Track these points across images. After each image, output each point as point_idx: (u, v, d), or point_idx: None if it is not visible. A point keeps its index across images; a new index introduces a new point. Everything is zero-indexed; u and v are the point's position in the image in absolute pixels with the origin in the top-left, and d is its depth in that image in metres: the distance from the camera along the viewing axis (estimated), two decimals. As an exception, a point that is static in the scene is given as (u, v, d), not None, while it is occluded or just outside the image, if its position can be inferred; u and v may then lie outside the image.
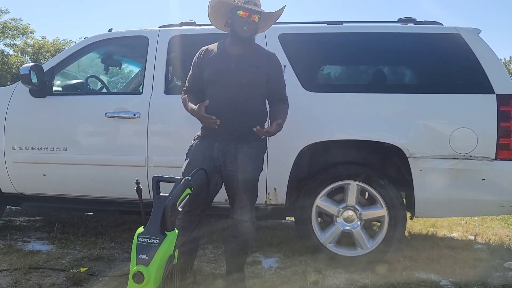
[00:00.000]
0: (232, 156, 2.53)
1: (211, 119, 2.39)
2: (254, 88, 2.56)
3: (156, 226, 2.21)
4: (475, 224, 4.76)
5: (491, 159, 2.95)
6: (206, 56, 2.61)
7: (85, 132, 3.44)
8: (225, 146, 2.54)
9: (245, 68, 2.54)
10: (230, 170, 2.54)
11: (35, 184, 3.52)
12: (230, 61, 2.54)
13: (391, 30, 3.33)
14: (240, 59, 2.55)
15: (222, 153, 2.54)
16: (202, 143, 2.59)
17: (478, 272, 3.11)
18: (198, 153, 2.57)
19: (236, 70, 2.52)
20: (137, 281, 2.09)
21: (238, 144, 2.54)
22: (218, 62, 2.55)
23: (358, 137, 3.09)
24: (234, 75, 2.51)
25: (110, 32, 3.65)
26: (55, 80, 3.62)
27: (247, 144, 2.55)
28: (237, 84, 2.49)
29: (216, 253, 3.48)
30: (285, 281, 2.90)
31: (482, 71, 3.02)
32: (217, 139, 2.54)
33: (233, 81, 2.49)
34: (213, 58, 2.58)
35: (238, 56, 2.56)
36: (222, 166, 2.55)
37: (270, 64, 2.63)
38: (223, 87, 2.50)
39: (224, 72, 2.51)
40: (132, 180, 2.39)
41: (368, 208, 3.16)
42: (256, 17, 2.50)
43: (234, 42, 2.58)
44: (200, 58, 2.63)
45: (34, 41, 25.42)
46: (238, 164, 2.52)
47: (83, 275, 2.89)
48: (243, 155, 2.53)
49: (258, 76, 2.56)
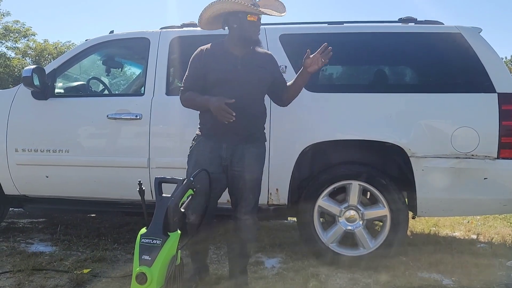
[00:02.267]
0: (239, 156, 2.56)
1: (230, 113, 2.36)
2: (259, 89, 2.60)
3: (159, 227, 2.22)
4: (478, 223, 4.75)
5: (493, 158, 2.94)
6: (208, 56, 2.58)
7: (87, 134, 3.45)
8: (233, 146, 2.56)
9: (253, 69, 2.56)
10: (237, 170, 2.56)
11: (37, 186, 3.53)
12: (236, 63, 2.55)
13: (392, 30, 3.33)
14: (245, 60, 2.57)
15: (230, 153, 2.56)
16: (207, 143, 2.58)
17: (481, 271, 3.10)
18: (205, 153, 2.57)
19: (243, 72, 2.54)
20: (140, 282, 2.09)
21: (245, 144, 2.56)
22: (223, 63, 2.55)
23: (359, 137, 3.09)
24: (242, 76, 2.52)
25: (111, 34, 3.66)
26: (57, 82, 3.63)
27: (254, 144, 2.59)
28: (244, 85, 2.51)
29: (219, 254, 3.48)
30: (288, 281, 2.90)
31: (484, 70, 3.01)
32: (224, 139, 2.55)
33: (240, 82, 2.50)
34: (217, 59, 2.56)
35: (243, 57, 2.57)
36: (229, 166, 2.57)
37: (273, 65, 2.68)
38: (231, 88, 2.50)
39: (232, 73, 2.52)
40: (135, 181, 2.41)
41: (370, 208, 3.16)
42: (259, 19, 2.56)
43: (238, 44, 2.58)
44: (201, 58, 2.59)
45: (36, 44, 25.50)
46: (245, 164, 2.55)
47: (86, 276, 2.90)
48: (251, 155, 2.57)
49: (265, 77, 2.61)
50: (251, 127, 2.57)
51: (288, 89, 2.70)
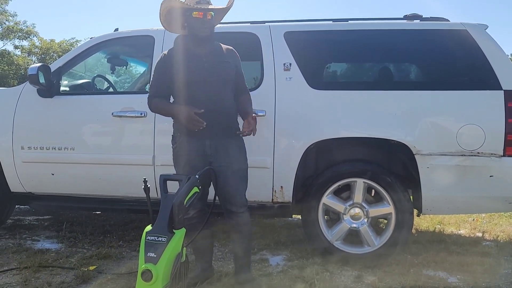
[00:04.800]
0: (224, 151, 2.58)
1: (200, 122, 2.43)
2: (228, 83, 2.64)
3: (164, 225, 2.23)
4: (483, 221, 4.73)
5: (499, 155, 2.93)
6: (171, 59, 2.59)
7: (92, 132, 3.46)
8: (216, 141, 2.57)
9: (218, 65, 2.59)
10: (224, 165, 2.57)
11: (43, 184, 3.55)
12: (201, 61, 2.57)
13: (397, 27, 3.31)
14: (209, 58, 2.59)
15: (214, 149, 2.57)
16: (191, 142, 2.58)
17: (486, 269, 3.09)
18: (192, 152, 2.58)
19: (210, 69, 2.56)
20: (146, 279, 2.11)
21: (227, 138, 2.60)
22: (189, 64, 2.55)
23: (364, 134, 3.08)
24: (210, 73, 2.54)
25: (116, 32, 3.66)
26: (63, 80, 3.65)
27: (235, 138, 2.64)
28: (215, 82, 2.53)
29: (224, 251, 3.49)
30: (293, 279, 2.90)
31: (489, 67, 2.99)
32: (206, 136, 2.55)
33: (210, 79, 2.52)
34: (182, 61, 2.57)
35: (207, 55, 2.59)
36: (214, 163, 2.57)
37: (235, 58, 2.71)
38: (202, 86, 2.53)
39: (199, 72, 2.53)
40: (140, 179, 2.42)
41: (375, 205, 3.16)
42: (210, 15, 2.55)
43: (197, 43, 2.59)
44: (165, 63, 2.61)
45: (42, 42, 25.60)
46: (231, 157, 2.58)
47: (92, 273, 2.92)
48: (234, 147, 2.62)
49: (231, 71, 2.65)
50: (229, 121, 2.62)
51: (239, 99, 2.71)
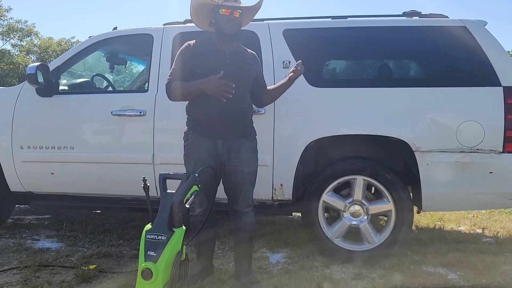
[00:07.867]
0: (236, 151, 2.58)
1: (230, 85, 2.40)
2: (247, 84, 2.65)
3: (164, 223, 2.23)
4: (483, 217, 4.74)
5: (498, 152, 2.93)
6: (196, 51, 2.60)
7: (91, 131, 3.46)
8: (229, 141, 2.58)
9: (240, 65, 2.61)
10: (234, 165, 2.58)
11: (43, 183, 3.55)
12: (224, 57, 2.58)
13: (396, 24, 3.30)
14: (232, 56, 2.61)
15: (227, 149, 2.57)
16: (203, 140, 2.59)
17: (487, 266, 3.09)
18: (203, 151, 2.58)
19: (232, 66, 2.56)
20: (146, 277, 2.11)
21: (240, 139, 2.60)
22: (212, 58, 2.57)
23: (364, 131, 3.08)
24: (231, 71, 2.53)
25: (115, 31, 3.66)
26: (61, 79, 3.64)
27: (248, 138, 2.64)
28: (234, 80, 2.50)
29: (224, 249, 3.49)
30: (293, 276, 2.90)
31: (489, 64, 2.99)
32: (219, 135, 2.56)
33: (230, 77, 2.49)
34: (205, 54, 2.58)
35: (230, 53, 2.61)
36: (225, 162, 2.59)
37: (257, 63, 2.75)
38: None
39: (221, 67, 2.51)
40: (139, 177, 2.42)
41: (375, 202, 3.16)
42: (238, 13, 2.55)
43: (222, 40, 2.61)
44: (189, 52, 2.61)
45: (41, 41, 25.57)
46: (243, 158, 2.59)
47: (92, 272, 2.91)
48: (247, 149, 2.61)
49: (251, 73, 2.67)
50: (244, 121, 2.64)
51: (268, 92, 2.77)
